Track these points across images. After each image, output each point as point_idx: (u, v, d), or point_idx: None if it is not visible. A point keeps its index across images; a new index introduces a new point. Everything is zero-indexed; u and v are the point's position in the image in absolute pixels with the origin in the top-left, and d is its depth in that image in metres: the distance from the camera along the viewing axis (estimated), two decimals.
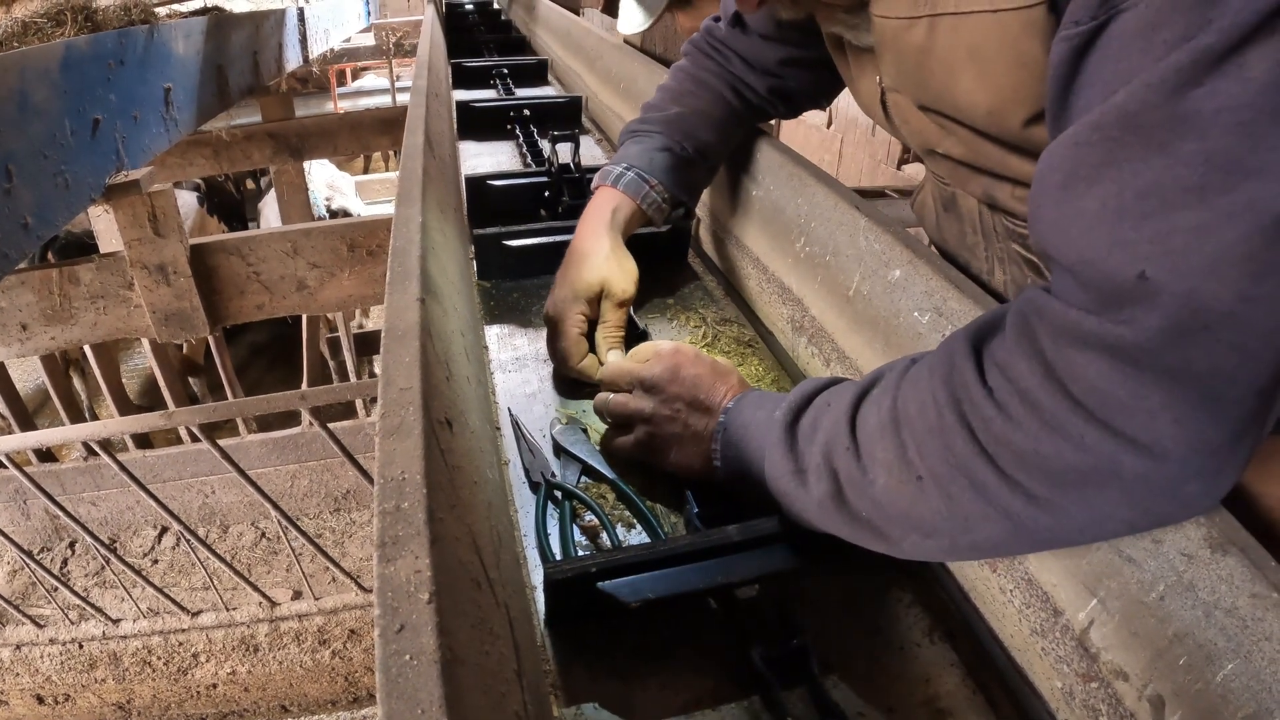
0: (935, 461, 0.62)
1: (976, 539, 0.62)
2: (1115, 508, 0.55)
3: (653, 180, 1.25)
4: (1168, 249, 0.49)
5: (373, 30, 8.99)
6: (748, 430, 0.83)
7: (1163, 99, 0.49)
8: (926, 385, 0.64)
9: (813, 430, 0.75)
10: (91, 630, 3.12)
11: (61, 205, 2.00)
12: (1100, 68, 0.56)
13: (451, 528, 0.52)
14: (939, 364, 0.64)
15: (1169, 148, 0.49)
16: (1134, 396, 0.51)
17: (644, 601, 0.74)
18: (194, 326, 2.79)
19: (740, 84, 1.32)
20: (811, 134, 5.71)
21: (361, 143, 4.85)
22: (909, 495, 0.64)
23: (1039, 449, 0.55)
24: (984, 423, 0.58)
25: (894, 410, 0.67)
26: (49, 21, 2.54)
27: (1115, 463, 0.52)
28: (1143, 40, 0.52)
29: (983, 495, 0.59)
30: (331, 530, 4.01)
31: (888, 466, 0.66)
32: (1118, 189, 0.52)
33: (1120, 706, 0.63)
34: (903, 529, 0.66)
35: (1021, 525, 0.58)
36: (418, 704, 0.38)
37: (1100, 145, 0.53)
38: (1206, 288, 0.48)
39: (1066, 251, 0.55)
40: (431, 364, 0.67)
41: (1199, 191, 0.48)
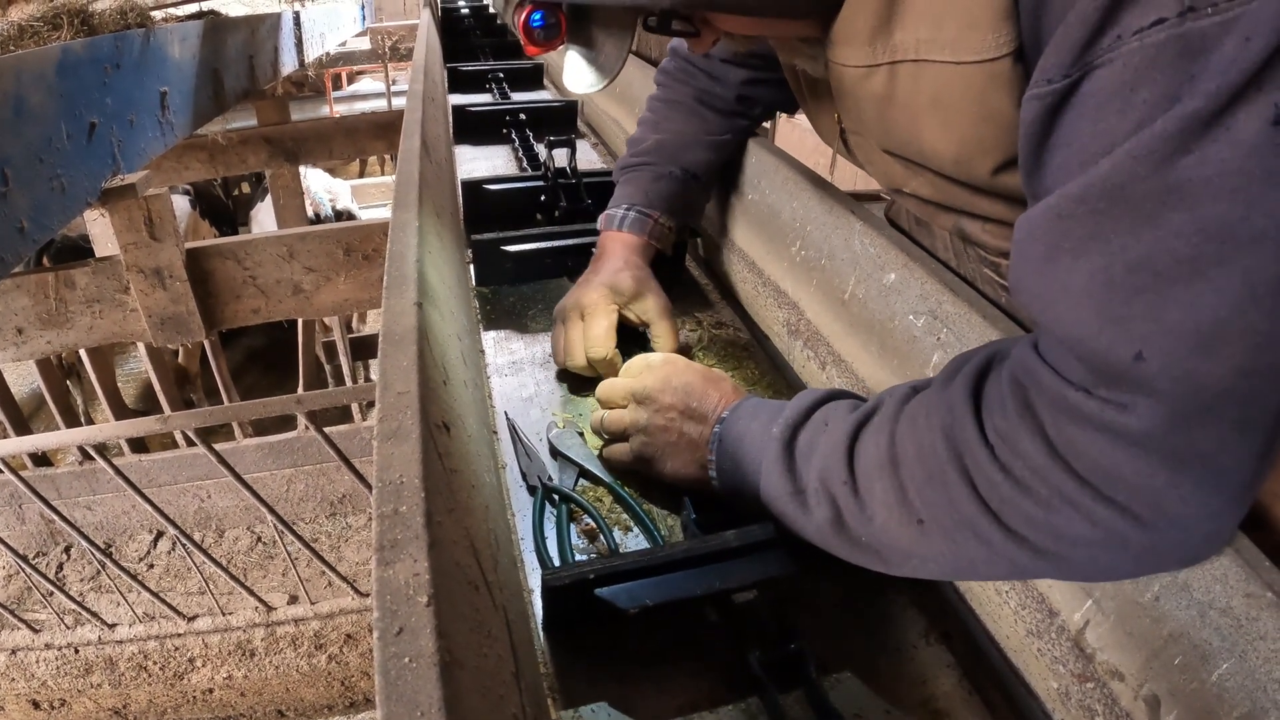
0: (937, 511, 0.62)
1: (979, 574, 0.65)
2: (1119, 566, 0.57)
3: (654, 213, 1.27)
4: (1162, 327, 0.48)
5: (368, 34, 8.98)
6: (742, 442, 0.83)
7: (1150, 170, 0.47)
8: (925, 431, 0.64)
9: (810, 451, 0.75)
10: (87, 635, 3.11)
11: (57, 209, 2.00)
12: (1076, 127, 0.54)
13: (449, 531, 0.52)
14: (937, 410, 0.64)
15: (1158, 219, 0.48)
16: (1138, 476, 0.51)
17: (642, 607, 0.75)
18: (190, 331, 2.79)
19: (708, 95, 1.34)
20: (806, 137, 5.71)
21: (357, 147, 4.85)
22: (910, 535, 0.65)
23: (1049, 519, 0.55)
24: (990, 485, 0.58)
25: (892, 450, 0.67)
26: (45, 25, 2.54)
27: (1124, 535, 0.53)
28: (1120, 100, 0.50)
29: (987, 546, 0.60)
30: (328, 534, 4.01)
31: (887, 506, 0.67)
32: (1105, 263, 0.50)
33: (1116, 706, 0.63)
34: (904, 558, 0.68)
35: (1025, 570, 0.61)
36: (417, 706, 0.38)
37: (1086, 218, 0.51)
38: (1205, 368, 0.47)
39: (1056, 326, 0.54)
40: (429, 368, 0.67)
41: (1191, 263, 0.46)
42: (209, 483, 3.82)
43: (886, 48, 0.75)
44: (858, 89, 0.83)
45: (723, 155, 1.36)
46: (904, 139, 0.83)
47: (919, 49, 0.71)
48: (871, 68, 0.78)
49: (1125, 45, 0.49)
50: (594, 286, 1.17)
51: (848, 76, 0.83)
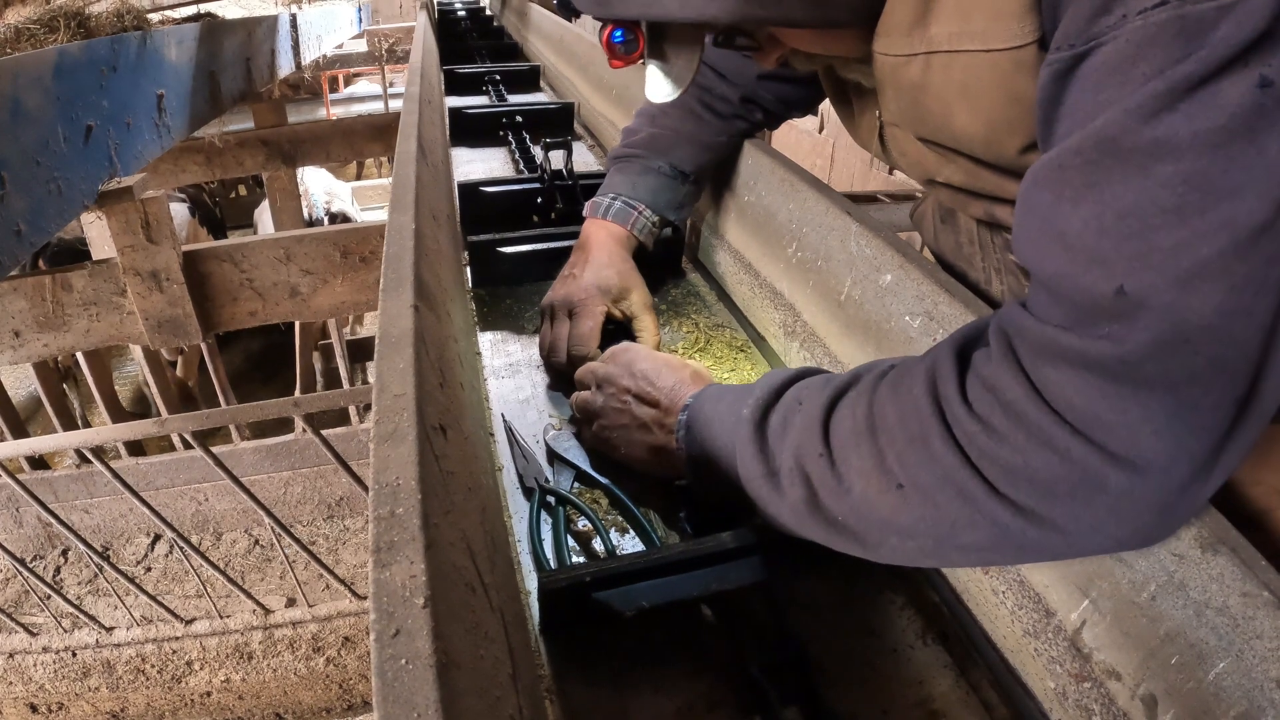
0: (918, 471, 0.62)
1: (962, 543, 0.62)
2: (1102, 521, 0.56)
3: (640, 205, 1.28)
4: (1147, 266, 0.51)
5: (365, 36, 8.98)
6: (711, 426, 0.83)
7: (1140, 123, 0.51)
8: (908, 394, 0.65)
9: (783, 429, 0.75)
10: (85, 638, 3.11)
11: (54, 212, 2.00)
12: (1080, 96, 0.58)
13: (446, 533, 0.53)
14: (921, 373, 0.65)
15: (1147, 170, 0.51)
16: (1113, 411, 0.52)
17: (639, 609, 0.75)
18: (187, 333, 2.79)
19: (710, 96, 1.34)
20: (803, 139, 5.72)
21: (354, 149, 4.85)
22: (889, 503, 0.64)
23: (1026, 462, 0.56)
24: (968, 436, 0.59)
25: (870, 417, 0.67)
26: (42, 28, 2.54)
27: (1100, 476, 0.53)
28: (1121, 73, 0.54)
29: (970, 504, 0.59)
30: (325, 537, 4.01)
31: (864, 474, 0.66)
32: (1099, 210, 0.53)
33: (1113, 706, 0.63)
34: (882, 533, 0.67)
35: (1009, 534, 0.59)
36: (414, 708, 0.38)
37: (1082, 168, 0.55)
38: (1185, 302, 0.50)
39: (1044, 267, 0.57)
40: (425, 370, 0.67)
41: (1177, 212, 0.50)
42: (206, 485, 3.82)
43: (923, 39, 0.80)
44: (896, 76, 0.87)
45: (716, 157, 1.36)
46: (937, 125, 0.87)
47: (950, 41, 0.76)
48: (909, 57, 0.83)
49: (1129, 23, 0.53)
50: (582, 284, 1.18)
51: (888, 65, 0.87)
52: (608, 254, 1.21)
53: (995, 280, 1.10)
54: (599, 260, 1.20)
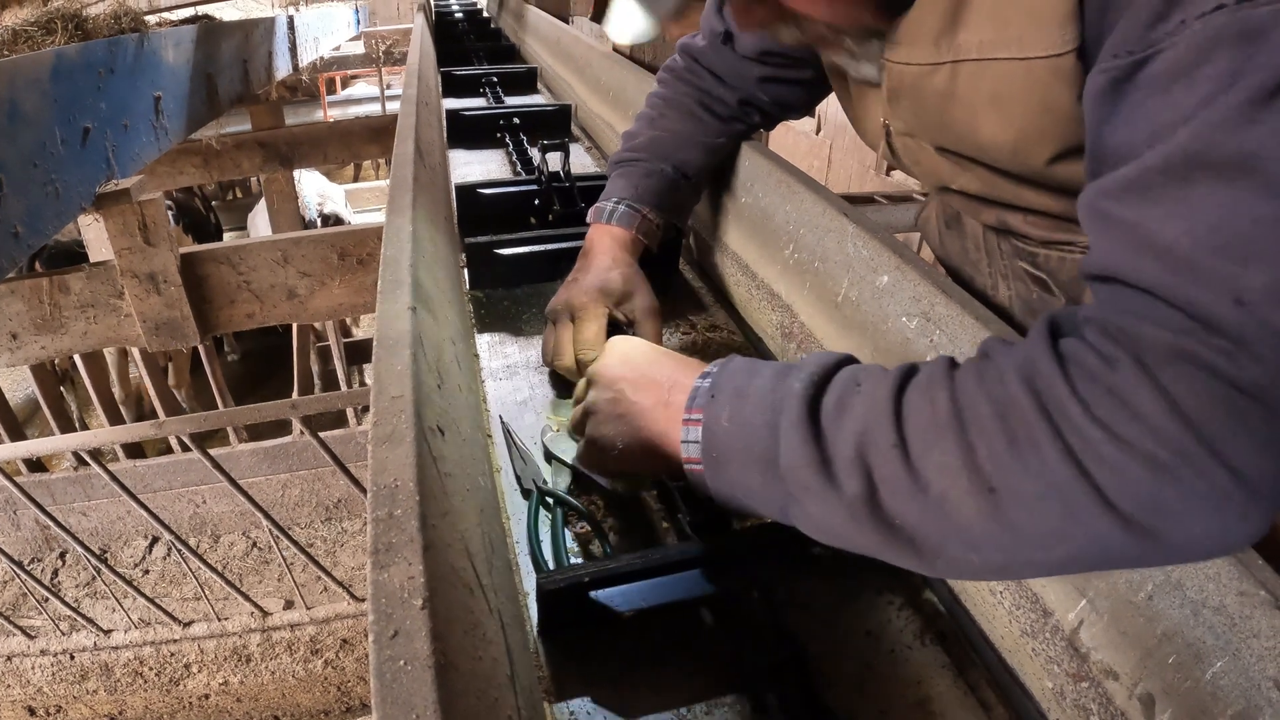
0: (1018, 476, 0.56)
1: (1042, 558, 0.57)
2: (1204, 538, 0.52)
3: (643, 208, 1.26)
4: (1254, 282, 0.49)
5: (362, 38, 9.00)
6: (746, 398, 0.71)
7: (1224, 136, 0.51)
8: (1002, 388, 0.58)
9: (838, 413, 0.65)
10: (83, 641, 3.11)
11: (52, 214, 2.00)
12: (1144, 104, 0.57)
13: (444, 534, 0.53)
14: (1016, 368, 0.59)
15: (1236, 183, 0.50)
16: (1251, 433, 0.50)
17: (637, 610, 0.75)
18: (185, 336, 2.79)
19: (710, 99, 1.34)
20: (800, 140, 5.72)
21: (351, 151, 4.85)
22: (972, 508, 0.57)
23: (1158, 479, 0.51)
24: (1088, 443, 0.53)
25: (956, 407, 0.59)
26: (39, 30, 2.54)
27: (1225, 494, 0.50)
28: (1186, 77, 0.54)
29: (1072, 516, 0.54)
30: (323, 539, 4.00)
31: (949, 471, 0.58)
32: (1190, 225, 0.52)
33: (1111, 705, 0.63)
34: (947, 542, 0.60)
35: (1106, 548, 0.54)
36: (412, 709, 0.38)
37: (1168, 184, 0.54)
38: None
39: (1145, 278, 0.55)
40: (423, 372, 0.67)
41: (1271, 223, 0.49)
42: (204, 488, 3.82)
43: (951, 47, 0.79)
44: (920, 86, 0.86)
45: (715, 158, 1.36)
46: (961, 133, 0.87)
47: (982, 49, 0.76)
48: (935, 66, 0.82)
49: (1189, 28, 0.53)
50: (585, 288, 1.16)
51: (908, 75, 0.87)
52: (611, 258, 1.21)
53: (1002, 286, 1.10)
54: (602, 264, 1.19)
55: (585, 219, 1.30)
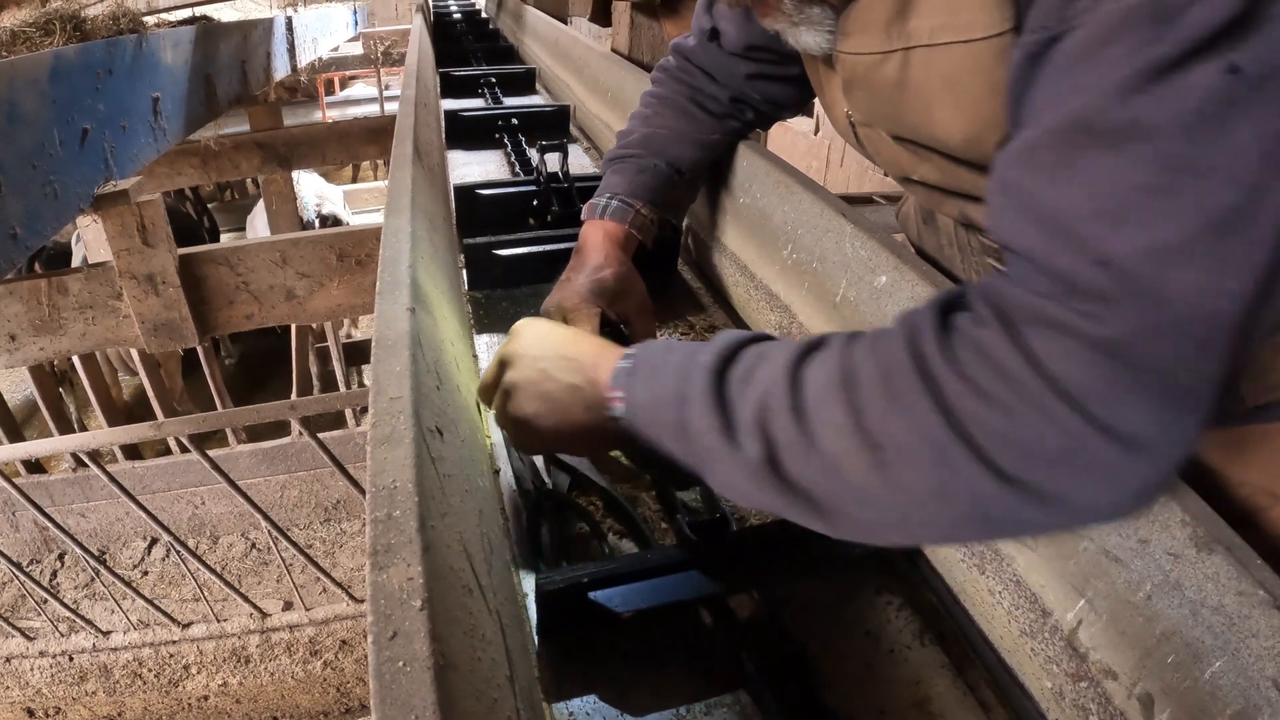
0: (897, 430, 0.58)
1: (929, 515, 0.60)
2: (1083, 492, 0.55)
3: (637, 203, 1.26)
4: (1124, 245, 0.52)
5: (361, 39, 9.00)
6: (661, 373, 0.74)
7: (1115, 104, 0.52)
8: (887, 351, 0.61)
9: (744, 381, 0.68)
10: (82, 642, 3.10)
11: (50, 215, 2.00)
12: (1053, 77, 0.59)
13: (443, 535, 0.53)
14: (900, 333, 0.62)
15: (1121, 150, 0.52)
16: (1105, 385, 0.52)
17: (636, 611, 0.75)
18: (183, 337, 2.78)
19: (701, 96, 1.34)
20: (799, 140, 5.73)
21: (350, 152, 4.85)
22: (861, 464, 0.60)
23: (1017, 427, 0.54)
24: (955, 396, 0.56)
25: (846, 370, 0.62)
26: (38, 31, 2.54)
27: (1091, 446, 0.53)
28: (1094, 55, 0.55)
29: (950, 469, 0.57)
30: (322, 540, 4.00)
31: (839, 431, 0.61)
32: (1074, 188, 0.54)
33: (1110, 705, 0.63)
34: (844, 500, 0.62)
35: (984, 503, 0.57)
36: (411, 710, 0.39)
37: (1057, 148, 0.56)
38: (1164, 283, 0.50)
39: (1024, 243, 0.58)
40: (422, 373, 0.67)
41: (1150, 191, 0.51)
42: (203, 489, 3.81)
43: (901, 34, 0.80)
44: (871, 77, 0.87)
45: (710, 155, 1.36)
46: (915, 123, 0.87)
47: (933, 34, 0.77)
48: (886, 54, 0.83)
49: (1103, 6, 0.54)
50: (577, 288, 1.15)
51: (860, 65, 0.87)
52: (604, 255, 1.20)
53: (975, 280, 1.10)
54: (595, 262, 1.19)
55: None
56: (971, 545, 0.78)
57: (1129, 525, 0.62)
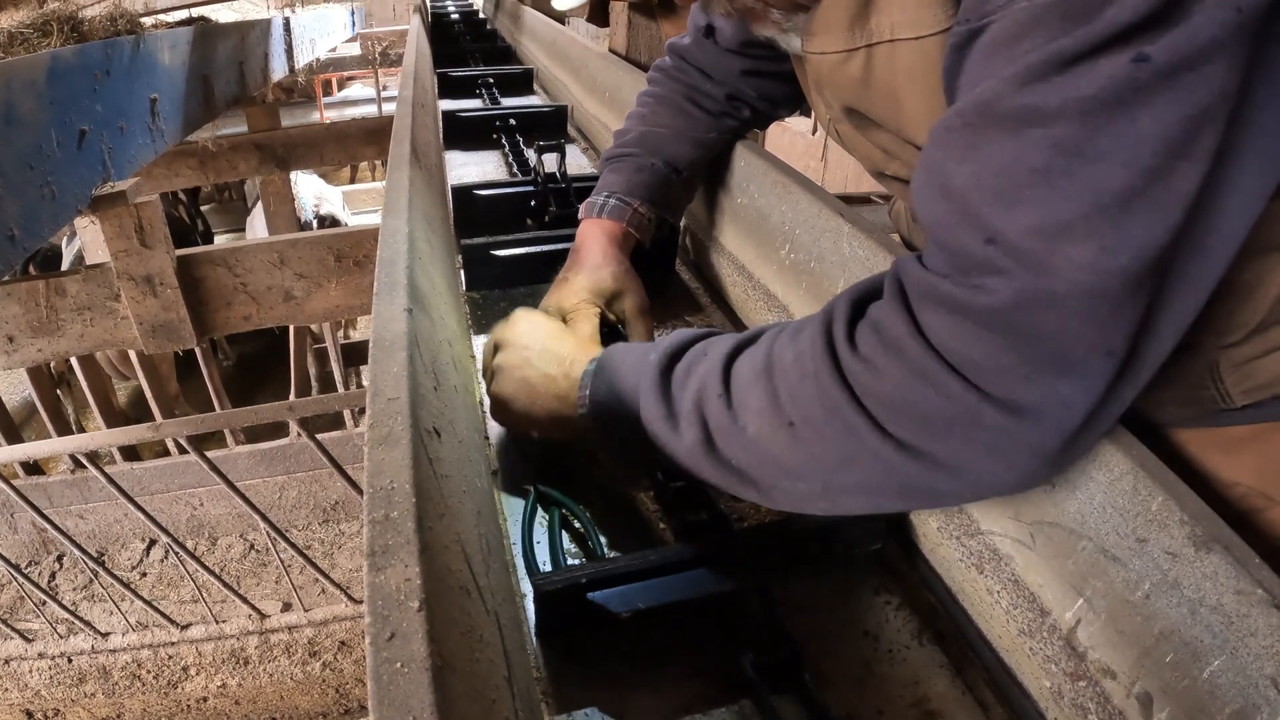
0: (807, 407, 0.65)
1: (848, 482, 0.65)
2: (980, 459, 0.59)
3: (634, 202, 1.26)
4: (1014, 222, 0.54)
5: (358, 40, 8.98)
6: (619, 372, 0.85)
7: (1014, 89, 0.55)
8: (804, 336, 0.68)
9: (686, 376, 0.77)
10: (80, 644, 3.10)
11: (48, 217, 1.99)
12: (972, 68, 0.62)
13: (441, 536, 0.53)
14: (818, 319, 0.68)
15: (1018, 133, 0.55)
16: (987, 356, 0.55)
17: (634, 611, 0.75)
18: (181, 338, 2.78)
19: (698, 94, 1.35)
20: (797, 140, 5.73)
21: (348, 153, 4.84)
22: (780, 441, 0.67)
23: (906, 397, 0.59)
24: (853, 373, 0.62)
25: (768, 359, 0.70)
26: (35, 32, 2.54)
27: (976, 413, 0.56)
28: (1007, 50, 0.57)
29: (856, 439, 0.62)
30: (321, 541, 4.00)
31: (759, 413, 0.68)
32: (976, 169, 0.57)
33: (1109, 704, 0.63)
34: (773, 475, 0.69)
35: (893, 471, 0.62)
36: (409, 711, 0.38)
37: (963, 130, 0.59)
38: (1051, 259, 0.53)
39: (930, 218, 0.62)
40: (419, 374, 0.67)
41: (1044, 173, 0.53)
42: (201, 490, 3.81)
43: (863, 32, 0.82)
44: (836, 75, 0.90)
45: (707, 154, 1.36)
46: (883, 116, 0.90)
47: (893, 30, 0.80)
48: (850, 52, 0.85)
49: (1018, 4, 0.57)
50: (575, 288, 1.16)
51: (826, 64, 0.90)
52: (601, 254, 1.20)
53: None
54: (592, 261, 1.19)
55: None
56: (967, 545, 0.78)
57: (1127, 524, 0.62)
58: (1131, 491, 0.62)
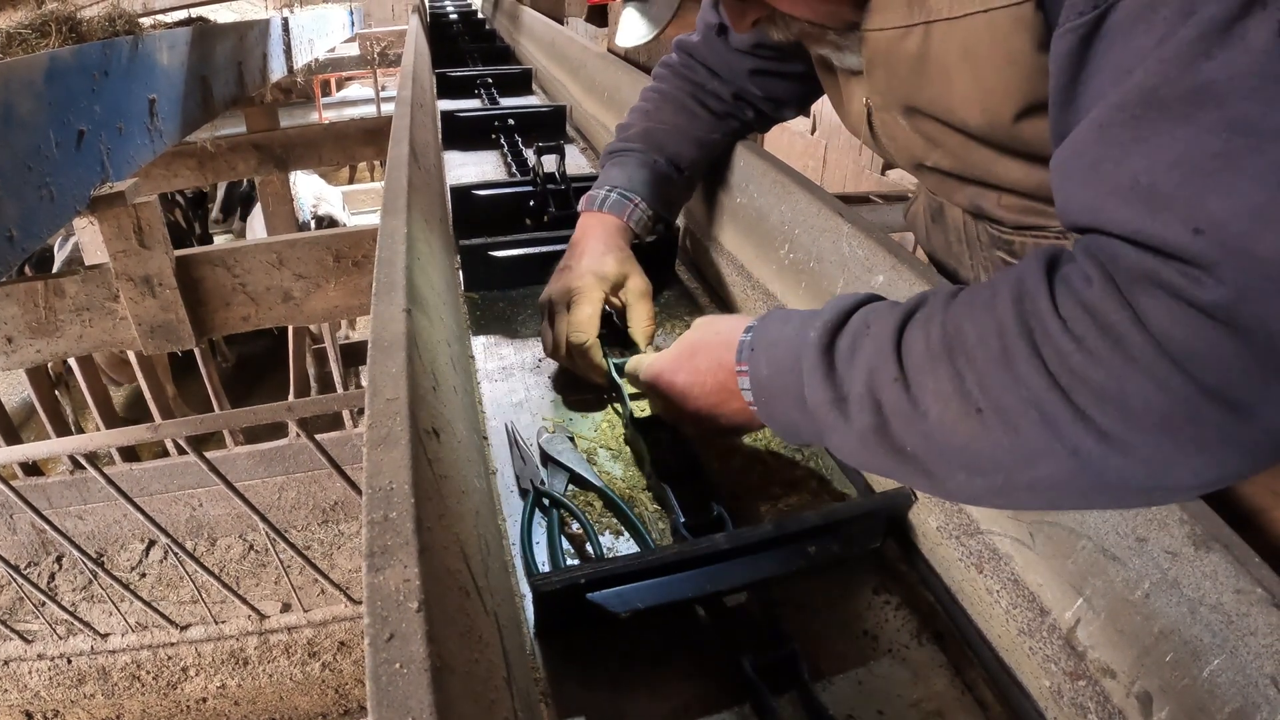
0: (1000, 393, 0.59)
1: (1035, 477, 0.60)
2: (1189, 455, 0.54)
3: (635, 198, 1.26)
4: (1210, 213, 0.51)
5: (357, 40, 8.99)
6: (777, 348, 0.79)
7: (1179, 73, 0.52)
8: (988, 313, 0.62)
9: (851, 354, 0.71)
10: (80, 645, 3.10)
11: (47, 217, 1.99)
12: (1109, 53, 0.59)
13: (440, 537, 0.52)
14: (1005, 291, 0.62)
15: (1190, 118, 0.52)
16: (1211, 349, 0.51)
17: (633, 611, 0.74)
18: (180, 338, 2.78)
19: (703, 93, 1.35)
20: (795, 140, 5.72)
21: (346, 153, 4.84)
22: (967, 429, 0.61)
23: (1122, 387, 0.54)
24: (1059, 355, 0.56)
25: (946, 337, 0.64)
26: (33, 32, 2.54)
27: (1195, 409, 0.52)
28: (1145, 21, 0.55)
29: (1051, 429, 0.57)
30: (320, 542, 4.00)
31: (942, 398, 0.63)
32: (1149, 163, 0.53)
33: (1108, 704, 0.63)
34: (952, 465, 0.64)
35: (1088, 464, 0.57)
36: (408, 712, 0.38)
37: (1126, 124, 0.55)
38: (1258, 244, 0.49)
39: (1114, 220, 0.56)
40: (418, 374, 0.67)
41: (1225, 156, 0.50)
42: (200, 491, 3.81)
43: (922, 9, 0.82)
44: (893, 52, 0.88)
45: (709, 154, 1.36)
46: (933, 96, 0.88)
47: (952, 7, 0.78)
48: (908, 28, 0.84)
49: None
50: (579, 273, 1.16)
51: (883, 40, 0.89)
52: (604, 242, 1.20)
53: (984, 277, 1.10)
54: (595, 249, 1.19)
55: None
56: (966, 544, 0.78)
57: (1127, 523, 0.62)
58: None
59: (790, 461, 1.02)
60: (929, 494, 0.69)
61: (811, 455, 1.03)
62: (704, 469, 0.95)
